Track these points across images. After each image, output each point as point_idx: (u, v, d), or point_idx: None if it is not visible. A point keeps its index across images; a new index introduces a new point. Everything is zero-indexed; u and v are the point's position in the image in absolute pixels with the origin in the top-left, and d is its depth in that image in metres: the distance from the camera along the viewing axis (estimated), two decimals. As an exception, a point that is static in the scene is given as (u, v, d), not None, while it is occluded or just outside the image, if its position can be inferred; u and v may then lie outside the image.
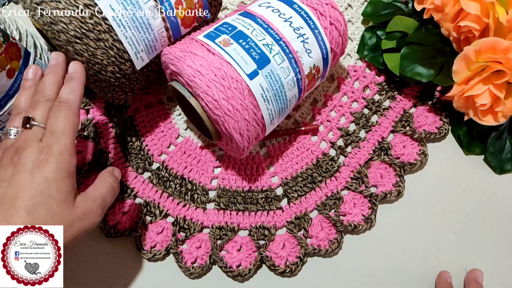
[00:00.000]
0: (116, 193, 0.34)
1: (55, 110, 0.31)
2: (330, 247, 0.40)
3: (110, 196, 0.33)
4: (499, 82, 0.39)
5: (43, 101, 0.31)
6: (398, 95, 0.47)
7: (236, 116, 0.33)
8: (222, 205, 0.42)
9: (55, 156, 0.29)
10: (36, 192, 0.28)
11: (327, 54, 0.38)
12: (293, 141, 0.45)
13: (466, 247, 0.42)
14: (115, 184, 0.34)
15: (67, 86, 0.32)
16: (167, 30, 0.37)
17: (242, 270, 0.40)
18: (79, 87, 0.33)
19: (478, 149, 0.45)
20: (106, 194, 0.33)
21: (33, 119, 0.30)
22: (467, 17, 0.40)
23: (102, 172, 0.35)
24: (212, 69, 0.33)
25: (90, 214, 0.31)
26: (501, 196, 0.44)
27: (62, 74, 0.34)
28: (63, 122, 0.30)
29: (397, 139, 0.45)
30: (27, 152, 0.29)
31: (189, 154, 0.45)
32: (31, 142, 0.29)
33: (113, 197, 0.34)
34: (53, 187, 0.28)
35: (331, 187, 0.43)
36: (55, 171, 0.29)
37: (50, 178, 0.28)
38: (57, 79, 0.33)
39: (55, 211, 0.29)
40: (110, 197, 0.33)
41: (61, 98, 0.32)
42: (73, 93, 0.32)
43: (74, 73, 0.33)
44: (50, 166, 0.29)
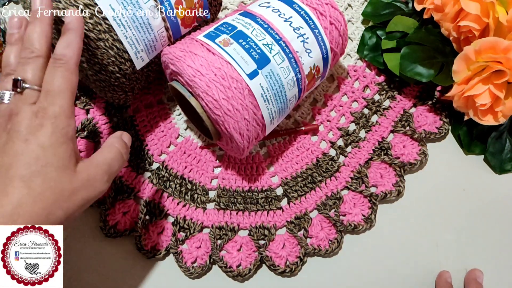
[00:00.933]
0: (125, 159, 0.31)
1: (49, 68, 0.28)
2: (330, 247, 0.41)
3: (117, 162, 0.30)
4: (499, 82, 0.39)
5: (32, 58, 0.28)
6: (398, 95, 0.47)
7: (236, 116, 0.33)
8: (222, 205, 0.42)
9: (51, 120, 0.26)
10: (31, 160, 0.26)
11: (327, 54, 0.38)
12: (293, 141, 0.45)
13: (466, 247, 0.42)
14: (123, 150, 0.31)
15: (63, 39, 0.28)
16: (167, 30, 0.37)
17: (242, 270, 0.40)
18: (76, 40, 0.29)
19: (478, 149, 0.45)
20: (113, 159, 0.30)
21: (24, 81, 0.27)
22: (467, 17, 0.40)
23: (110, 137, 0.32)
24: (212, 69, 0.33)
25: (94, 181, 0.28)
26: (501, 196, 0.44)
27: (49, 22, 0.29)
28: (59, 81, 0.27)
29: (397, 139, 0.45)
30: (20, 117, 0.26)
31: (189, 154, 0.45)
32: (24, 106, 0.27)
33: (121, 163, 0.31)
34: (49, 153, 0.26)
35: (331, 187, 0.43)
36: (51, 136, 0.26)
37: (46, 144, 0.26)
38: (45, 29, 0.28)
39: (54, 178, 0.26)
40: (117, 163, 0.30)
41: (56, 54, 0.28)
42: (69, 47, 0.28)
43: (70, 23, 0.29)
44: (45, 131, 0.26)
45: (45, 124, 0.26)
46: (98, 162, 0.29)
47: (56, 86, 0.27)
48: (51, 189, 0.26)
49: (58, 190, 0.26)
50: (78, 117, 0.45)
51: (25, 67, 0.28)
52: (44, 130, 0.26)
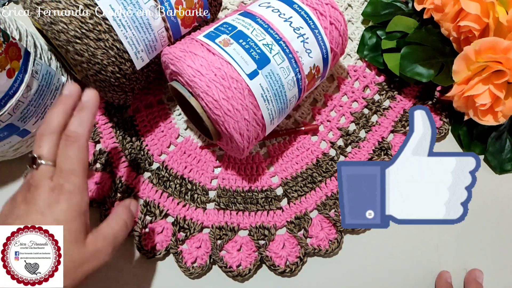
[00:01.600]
0: (129, 229, 0.33)
1: (62, 145, 0.30)
2: (330, 247, 0.40)
3: (122, 233, 0.32)
4: (499, 82, 0.39)
5: (48, 134, 0.30)
6: (398, 95, 0.47)
7: (236, 116, 0.33)
8: (222, 205, 0.42)
9: (65, 196, 0.28)
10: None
11: (327, 54, 0.38)
12: (293, 141, 0.45)
13: (466, 247, 0.42)
14: (129, 221, 0.33)
15: (77, 117, 0.31)
16: (167, 30, 0.37)
17: (242, 270, 0.40)
18: (89, 119, 0.31)
19: (478, 149, 0.45)
20: (118, 231, 0.32)
21: (39, 157, 0.29)
22: (467, 17, 0.40)
23: (119, 205, 0.34)
24: (212, 69, 0.33)
25: (100, 253, 0.30)
26: (501, 196, 0.44)
27: (71, 104, 0.32)
28: (72, 159, 0.29)
29: (397, 139, 0.45)
30: (38, 191, 0.29)
31: (189, 154, 0.45)
32: (42, 180, 0.29)
33: (125, 233, 0.33)
34: (63, 228, 0.28)
35: (331, 187, 0.43)
36: (66, 212, 0.28)
37: (61, 218, 0.28)
38: (65, 110, 0.31)
39: (65, 252, 0.29)
40: (122, 234, 0.32)
41: (68, 131, 0.30)
42: (81, 125, 0.31)
43: (86, 102, 0.32)
44: (60, 207, 0.28)
45: (61, 200, 0.28)
46: (105, 235, 0.31)
47: (69, 165, 0.29)
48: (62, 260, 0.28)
49: (68, 262, 0.29)
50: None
51: (42, 142, 0.30)
52: (59, 205, 0.28)
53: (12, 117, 0.36)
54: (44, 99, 0.39)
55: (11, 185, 0.43)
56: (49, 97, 0.40)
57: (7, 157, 0.41)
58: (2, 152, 0.40)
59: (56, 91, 0.41)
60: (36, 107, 0.38)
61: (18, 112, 0.36)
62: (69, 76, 0.44)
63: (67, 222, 0.28)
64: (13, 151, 0.41)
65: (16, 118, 0.37)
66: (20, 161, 0.43)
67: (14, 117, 0.36)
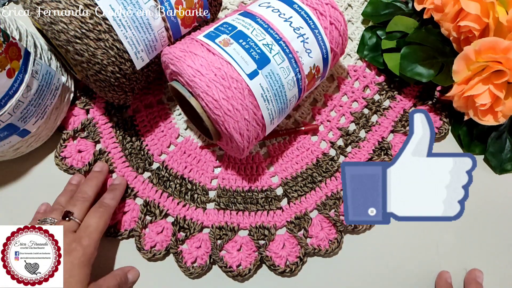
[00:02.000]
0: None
1: (95, 208, 0.38)
2: (330, 247, 0.40)
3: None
4: (499, 82, 0.39)
5: (82, 200, 0.38)
6: (398, 95, 0.47)
7: (236, 116, 0.33)
8: (222, 205, 0.42)
9: (83, 247, 0.34)
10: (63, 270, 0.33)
11: (327, 54, 0.38)
12: (293, 141, 0.45)
13: (466, 247, 0.42)
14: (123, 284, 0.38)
15: (111, 193, 0.40)
16: (167, 30, 0.37)
17: (242, 270, 0.40)
18: (119, 195, 0.41)
19: (478, 149, 0.45)
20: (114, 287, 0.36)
21: (72, 213, 0.36)
22: (467, 17, 0.40)
23: (119, 268, 0.40)
24: (212, 69, 0.33)
25: None
26: (501, 196, 0.44)
27: (102, 180, 0.41)
28: (98, 220, 0.36)
29: (397, 139, 0.45)
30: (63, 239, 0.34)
31: (189, 154, 0.45)
32: (67, 232, 0.35)
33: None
34: (75, 270, 0.33)
35: (331, 187, 0.43)
36: (80, 258, 0.34)
37: (75, 262, 0.33)
38: (98, 184, 0.40)
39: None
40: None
41: (103, 202, 0.39)
42: (113, 199, 0.39)
43: (118, 185, 0.41)
44: (77, 254, 0.34)
45: (78, 249, 0.34)
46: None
47: (94, 223, 0.36)
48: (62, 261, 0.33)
49: None
50: (78, 117, 0.45)
51: (76, 204, 0.37)
52: (76, 253, 0.34)
53: (12, 117, 0.36)
54: (44, 99, 0.39)
55: (11, 185, 0.43)
56: (49, 97, 0.40)
57: (7, 157, 0.41)
58: (2, 152, 0.40)
59: (56, 91, 0.41)
60: (36, 107, 0.38)
61: (18, 112, 0.36)
62: (69, 76, 0.44)
63: (79, 266, 0.33)
64: (13, 151, 0.41)
65: (16, 118, 0.37)
66: (20, 161, 0.43)
67: (14, 117, 0.36)
